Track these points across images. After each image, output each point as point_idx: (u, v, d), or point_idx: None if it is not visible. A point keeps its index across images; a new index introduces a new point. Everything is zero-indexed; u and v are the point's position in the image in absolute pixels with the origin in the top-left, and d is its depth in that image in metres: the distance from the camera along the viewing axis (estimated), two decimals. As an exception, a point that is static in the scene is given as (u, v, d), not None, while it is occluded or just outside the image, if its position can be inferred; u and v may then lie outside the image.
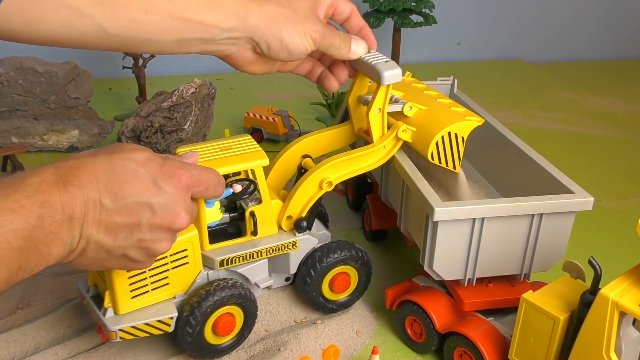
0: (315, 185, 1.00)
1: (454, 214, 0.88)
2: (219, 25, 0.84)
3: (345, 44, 0.93)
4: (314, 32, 0.89)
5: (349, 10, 0.95)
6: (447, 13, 2.33)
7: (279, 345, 0.98)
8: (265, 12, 0.86)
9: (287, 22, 0.87)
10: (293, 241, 0.99)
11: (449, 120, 0.99)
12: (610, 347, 0.72)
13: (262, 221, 0.97)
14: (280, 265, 1.02)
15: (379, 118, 1.00)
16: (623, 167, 1.69)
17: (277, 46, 0.87)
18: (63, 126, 1.58)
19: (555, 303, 0.79)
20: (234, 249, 0.96)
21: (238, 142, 0.98)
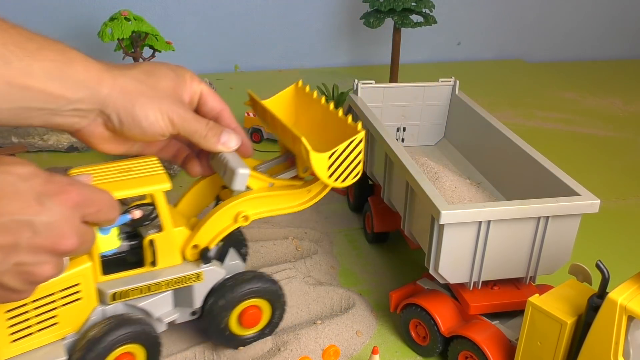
0: (230, 217, 0.90)
1: (460, 217, 0.87)
2: (64, 95, 0.74)
3: (213, 133, 0.84)
4: (173, 112, 0.81)
5: (218, 108, 0.89)
6: (447, 13, 2.33)
7: (279, 345, 0.98)
8: (119, 84, 0.78)
9: (143, 98, 0.79)
10: (197, 273, 0.90)
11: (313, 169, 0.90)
12: (619, 351, 0.72)
13: (162, 250, 0.88)
14: (185, 299, 0.93)
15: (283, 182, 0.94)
16: (623, 167, 1.69)
17: (129, 122, 0.79)
18: (63, 126, 1.57)
19: (562, 307, 0.79)
20: (131, 280, 0.86)
21: (141, 164, 0.87)
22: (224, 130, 0.86)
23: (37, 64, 0.73)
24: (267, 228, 1.29)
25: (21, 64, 0.71)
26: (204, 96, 0.88)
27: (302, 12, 2.31)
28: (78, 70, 0.76)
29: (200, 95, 0.88)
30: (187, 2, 2.17)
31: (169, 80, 0.84)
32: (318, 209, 1.41)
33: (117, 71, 0.79)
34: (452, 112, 1.38)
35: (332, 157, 0.87)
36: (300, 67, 2.37)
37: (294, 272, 1.15)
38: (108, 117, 0.79)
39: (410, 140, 1.40)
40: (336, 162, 0.89)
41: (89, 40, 2.10)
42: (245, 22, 2.26)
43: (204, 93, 0.88)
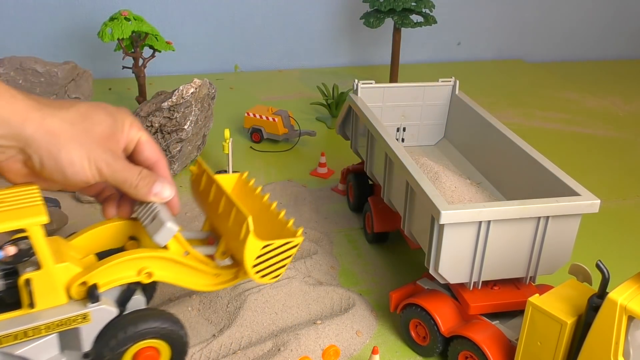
0: (135, 268, 0.83)
1: (461, 217, 0.87)
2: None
3: (145, 182, 0.80)
4: (102, 161, 0.77)
5: (154, 158, 0.84)
6: (447, 13, 2.33)
7: (279, 346, 0.98)
8: (47, 125, 0.73)
9: (72, 143, 0.75)
10: (83, 314, 0.80)
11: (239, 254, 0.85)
12: (619, 351, 0.72)
13: (41, 290, 0.78)
14: (73, 341, 0.83)
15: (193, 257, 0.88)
16: (623, 167, 1.69)
17: (50, 165, 0.75)
18: (63, 126, 1.57)
19: (562, 307, 0.79)
20: (4, 325, 0.76)
21: (17, 193, 0.78)
22: (157, 179, 0.82)
23: None
24: (267, 228, 1.29)
25: None
26: (141, 145, 0.83)
27: (302, 12, 2.31)
28: (2, 106, 0.72)
29: (138, 143, 0.83)
30: (187, 2, 2.17)
31: (105, 126, 0.79)
32: (318, 209, 1.41)
33: (48, 110, 0.75)
34: (452, 112, 1.38)
35: (266, 248, 0.84)
36: (300, 67, 2.37)
37: (294, 272, 1.15)
38: (29, 156, 0.75)
39: (410, 140, 1.40)
40: (267, 255, 0.85)
41: (89, 40, 2.11)
42: (245, 22, 2.26)
43: (141, 141, 0.83)
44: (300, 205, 1.42)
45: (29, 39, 2.08)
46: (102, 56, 2.12)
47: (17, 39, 2.07)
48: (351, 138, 1.34)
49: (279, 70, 2.34)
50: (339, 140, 1.60)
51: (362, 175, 1.34)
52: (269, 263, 0.86)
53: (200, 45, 2.24)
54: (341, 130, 1.41)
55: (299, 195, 1.45)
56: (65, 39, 2.11)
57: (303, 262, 1.19)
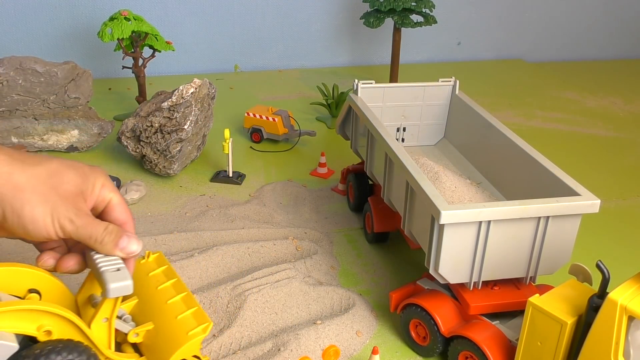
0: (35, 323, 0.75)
1: (461, 217, 0.87)
2: None
3: (111, 238, 0.78)
4: (66, 219, 0.76)
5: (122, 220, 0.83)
6: (447, 13, 2.33)
7: (278, 346, 0.98)
8: (14, 180, 0.74)
9: (36, 199, 0.74)
10: None
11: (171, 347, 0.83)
12: (619, 351, 0.72)
13: None
14: None
15: (105, 328, 0.82)
16: (623, 167, 1.69)
17: (13, 220, 0.74)
18: (63, 126, 1.57)
19: (562, 307, 0.78)
20: None
21: None
22: (124, 234, 0.80)
23: None
24: (267, 228, 1.29)
25: None
26: (111, 206, 0.83)
27: (302, 12, 2.31)
28: None
29: (108, 204, 0.83)
30: (187, 2, 2.17)
31: (73, 184, 0.79)
32: (318, 209, 1.41)
33: (18, 166, 0.75)
34: (452, 112, 1.38)
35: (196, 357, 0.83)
36: (300, 67, 2.37)
37: (294, 272, 1.15)
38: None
39: (410, 140, 1.40)
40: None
41: (89, 40, 2.11)
42: (245, 22, 2.26)
43: (112, 203, 0.83)
44: (300, 205, 1.42)
45: (29, 39, 2.08)
46: (102, 56, 2.12)
47: (17, 39, 2.07)
48: (351, 138, 1.34)
49: (279, 70, 2.34)
50: (339, 140, 1.60)
51: (362, 175, 1.34)
52: None
53: (200, 45, 2.24)
54: (341, 130, 1.41)
55: (299, 195, 1.45)
56: (65, 39, 2.11)
57: (303, 262, 1.19)
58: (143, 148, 1.46)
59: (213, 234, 1.25)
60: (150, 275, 0.93)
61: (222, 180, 1.50)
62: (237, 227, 1.29)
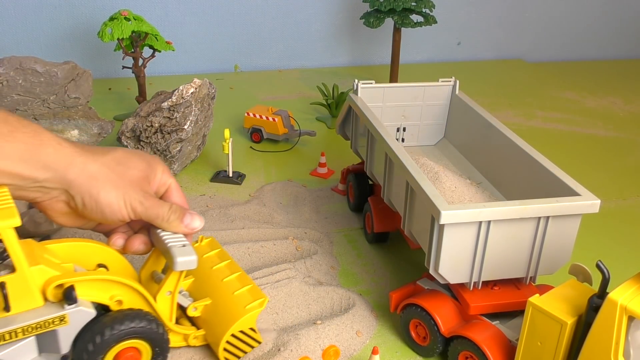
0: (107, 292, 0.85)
1: (461, 217, 0.87)
2: (32, 176, 0.79)
3: (176, 216, 0.88)
4: (136, 202, 0.85)
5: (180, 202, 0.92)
6: (447, 13, 2.33)
7: (278, 346, 0.98)
8: (88, 169, 0.82)
9: (109, 185, 0.83)
10: (60, 315, 0.80)
11: (230, 319, 0.92)
12: (619, 351, 0.72)
13: (16, 293, 0.78)
14: (50, 344, 0.82)
15: (168, 301, 0.90)
16: (623, 167, 1.69)
17: (92, 205, 0.83)
18: (63, 126, 1.57)
19: (562, 307, 0.78)
20: None
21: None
22: (187, 212, 0.89)
23: (8, 145, 0.77)
24: (267, 228, 1.29)
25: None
26: (170, 189, 0.92)
27: (302, 12, 2.31)
28: (49, 153, 0.80)
29: (168, 188, 0.92)
30: (187, 2, 2.17)
31: (138, 170, 0.88)
32: (318, 209, 1.41)
33: (90, 156, 0.83)
34: (452, 112, 1.38)
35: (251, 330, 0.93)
36: (300, 67, 2.37)
37: (294, 272, 1.15)
38: (72, 197, 0.83)
39: (410, 140, 1.40)
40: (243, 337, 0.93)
41: (89, 40, 2.11)
42: (245, 22, 2.26)
43: (171, 187, 0.92)
44: (300, 205, 1.41)
45: (29, 38, 2.08)
46: (102, 56, 2.12)
47: (17, 39, 2.07)
48: (351, 138, 1.34)
49: (279, 70, 2.34)
50: (339, 140, 1.60)
51: (362, 175, 1.34)
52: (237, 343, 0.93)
53: (200, 45, 2.24)
54: (341, 130, 1.41)
55: (299, 195, 1.45)
56: (65, 39, 2.11)
57: (303, 262, 1.19)
58: (143, 148, 1.46)
59: (213, 234, 1.25)
60: (205, 257, 1.02)
61: (222, 180, 1.50)
62: (237, 227, 1.29)
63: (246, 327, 0.93)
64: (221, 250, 1.04)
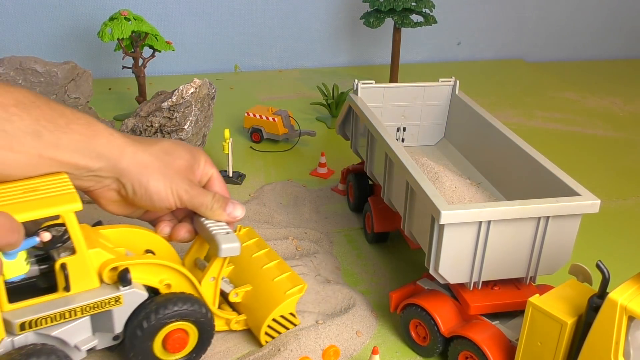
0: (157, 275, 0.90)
1: (461, 217, 0.87)
2: (87, 165, 0.83)
3: (219, 205, 0.93)
4: (182, 190, 0.89)
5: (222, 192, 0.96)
6: (447, 13, 2.33)
7: (278, 346, 0.98)
8: (138, 159, 0.86)
9: (157, 174, 0.87)
10: (116, 296, 0.85)
11: (271, 304, 0.96)
12: (619, 351, 0.72)
13: (76, 274, 0.83)
14: (104, 324, 0.87)
15: (212, 286, 0.95)
16: (623, 167, 1.69)
17: (141, 193, 0.87)
18: (63, 126, 1.57)
19: (562, 307, 0.78)
20: (41, 308, 0.80)
21: (48, 182, 0.82)
22: (229, 201, 0.94)
23: (65, 137, 0.80)
24: (267, 228, 1.29)
25: (51, 138, 0.79)
26: (212, 179, 0.96)
27: (302, 12, 2.31)
28: (102, 143, 0.83)
29: (210, 178, 0.96)
30: (187, 2, 2.17)
31: (184, 160, 0.91)
32: (318, 209, 1.41)
33: (139, 146, 0.87)
34: (452, 112, 1.38)
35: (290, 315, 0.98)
36: (300, 67, 2.37)
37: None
38: (123, 185, 0.87)
39: (410, 140, 1.40)
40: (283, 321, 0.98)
41: (89, 40, 2.11)
42: (245, 22, 2.26)
43: (213, 177, 0.96)
44: (300, 205, 1.41)
45: (29, 38, 2.08)
46: (102, 56, 2.12)
47: (17, 39, 2.07)
48: (351, 138, 1.34)
49: (279, 70, 2.34)
50: (339, 140, 1.60)
51: (362, 175, 1.34)
52: (277, 327, 0.98)
53: (200, 45, 2.24)
54: (341, 130, 1.41)
55: (299, 195, 1.45)
56: (65, 39, 2.11)
57: (304, 262, 1.19)
58: (143, 148, 1.46)
59: (213, 234, 1.25)
60: (244, 245, 1.05)
61: (222, 180, 1.50)
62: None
63: (286, 311, 0.97)
64: (259, 239, 1.08)
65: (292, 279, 1.00)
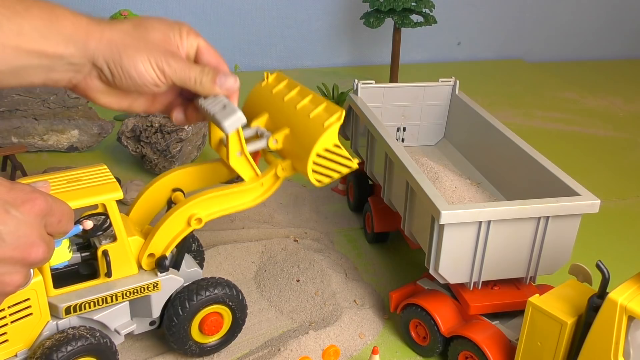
0: (183, 221, 0.89)
1: (461, 217, 0.87)
2: (56, 52, 0.76)
3: (208, 78, 0.83)
4: (162, 62, 0.80)
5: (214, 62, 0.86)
6: (447, 13, 2.33)
7: (278, 346, 0.98)
8: (107, 37, 0.78)
9: (130, 50, 0.79)
10: (154, 282, 0.89)
11: (311, 139, 0.89)
12: (619, 351, 0.72)
13: (117, 261, 0.87)
14: (143, 309, 0.92)
15: (242, 161, 0.90)
16: (623, 167, 1.69)
17: (119, 73, 0.79)
18: (63, 126, 1.57)
19: (562, 307, 0.79)
20: (84, 293, 0.85)
21: (90, 173, 0.87)
22: (219, 72, 0.84)
23: (26, 23, 0.74)
24: (267, 228, 1.29)
25: (11, 25, 0.73)
26: (201, 50, 0.86)
27: (302, 12, 2.31)
28: (66, 26, 0.77)
29: (197, 49, 0.85)
30: (187, 2, 2.17)
31: (159, 32, 0.82)
32: (318, 209, 1.41)
33: (106, 25, 0.79)
34: (452, 112, 1.38)
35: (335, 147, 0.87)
36: (300, 67, 2.37)
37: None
38: (100, 69, 0.79)
39: (410, 140, 1.40)
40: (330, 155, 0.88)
41: (89, 40, 2.10)
42: (245, 22, 2.26)
43: (200, 47, 0.86)
44: (300, 205, 1.41)
45: (29, 38, 2.08)
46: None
47: (17, 39, 2.06)
48: (351, 138, 1.34)
49: (279, 70, 2.33)
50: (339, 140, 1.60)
51: (362, 175, 1.34)
52: (326, 163, 0.88)
53: (200, 45, 2.24)
54: (341, 130, 1.40)
55: (299, 195, 1.45)
56: (65, 39, 2.10)
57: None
58: (143, 148, 1.46)
59: (213, 233, 1.25)
60: (274, 91, 0.98)
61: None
62: (237, 227, 1.29)
63: (330, 144, 0.88)
64: (289, 81, 1.00)
65: (328, 109, 0.90)
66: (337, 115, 0.87)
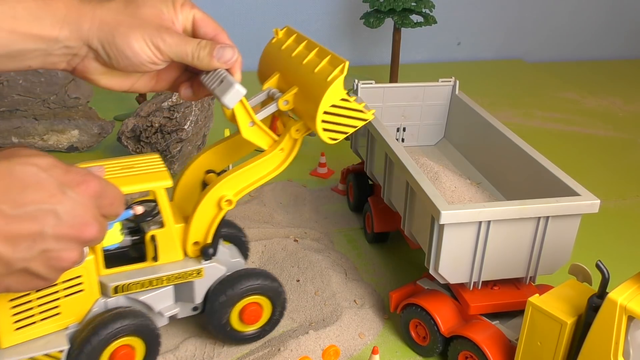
0: (213, 205, 0.91)
1: (461, 217, 0.87)
2: (50, 34, 0.76)
3: (205, 51, 0.80)
4: (157, 38, 0.78)
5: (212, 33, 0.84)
6: (447, 13, 2.33)
7: (278, 345, 0.98)
8: (98, 17, 0.77)
9: (122, 28, 0.77)
10: (197, 269, 0.92)
11: (316, 97, 0.85)
12: (619, 351, 0.72)
13: (164, 246, 0.90)
14: (186, 294, 0.95)
15: (256, 130, 0.89)
16: (623, 167, 1.69)
17: (114, 53, 0.78)
18: (63, 126, 1.57)
19: (562, 307, 0.79)
20: (132, 274, 0.89)
21: (142, 160, 0.91)
22: (217, 45, 0.81)
23: (19, 6, 0.74)
24: (267, 228, 1.29)
25: (4, 8, 0.73)
26: (197, 22, 0.83)
27: (302, 12, 2.31)
28: (59, 7, 0.76)
29: (193, 21, 0.83)
30: (187, 2, 2.17)
31: (151, 7, 0.80)
32: (318, 209, 1.41)
33: (97, 4, 0.78)
34: (452, 112, 1.38)
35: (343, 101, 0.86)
36: (300, 67, 2.37)
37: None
38: (96, 51, 0.78)
39: (410, 140, 1.40)
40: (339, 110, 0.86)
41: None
42: (245, 22, 2.26)
43: (196, 19, 0.83)
44: (300, 205, 1.42)
45: (29, 38, 2.07)
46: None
47: (17, 39, 2.06)
48: (351, 138, 1.34)
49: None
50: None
51: (362, 175, 1.34)
52: (336, 119, 0.87)
53: (200, 45, 2.24)
54: (341, 130, 1.40)
55: (299, 195, 1.45)
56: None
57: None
58: (143, 148, 1.46)
59: (213, 234, 1.25)
60: (283, 48, 0.97)
61: (222, 180, 1.49)
62: (237, 227, 1.29)
63: (336, 99, 0.86)
64: (298, 34, 0.98)
65: (331, 62, 0.88)
66: (340, 68, 0.85)
